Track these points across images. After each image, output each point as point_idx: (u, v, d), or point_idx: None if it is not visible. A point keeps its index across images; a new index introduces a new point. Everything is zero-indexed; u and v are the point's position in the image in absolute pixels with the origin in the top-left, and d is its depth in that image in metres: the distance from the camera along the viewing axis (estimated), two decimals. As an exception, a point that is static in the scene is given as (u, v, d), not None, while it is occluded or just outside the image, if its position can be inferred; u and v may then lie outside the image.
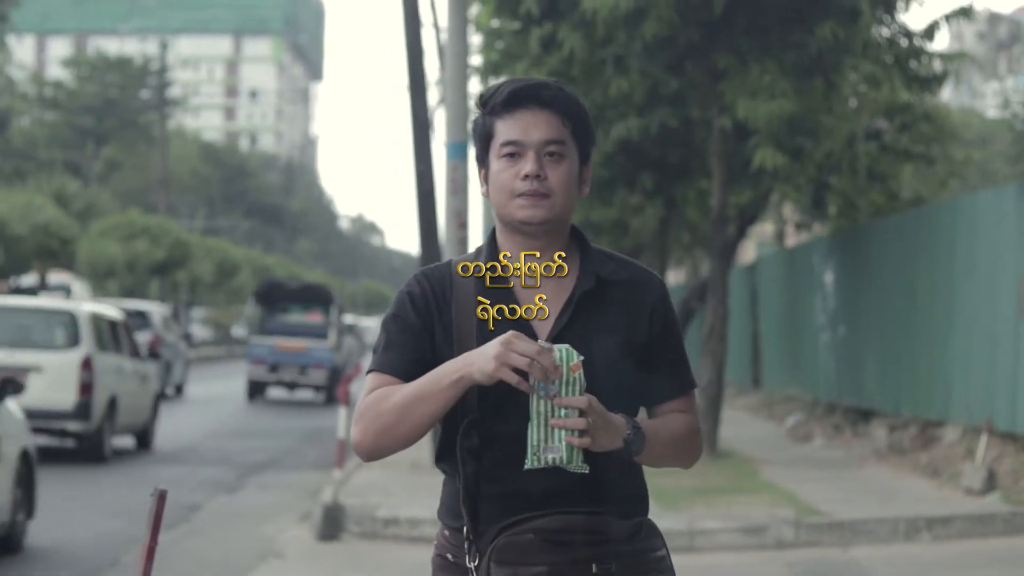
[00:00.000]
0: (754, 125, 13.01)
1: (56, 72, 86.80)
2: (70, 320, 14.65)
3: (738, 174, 15.00)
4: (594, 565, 2.63)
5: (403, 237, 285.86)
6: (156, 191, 55.93)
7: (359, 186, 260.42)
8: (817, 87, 13.41)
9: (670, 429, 2.77)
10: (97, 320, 15.15)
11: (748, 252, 36.38)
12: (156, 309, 27.77)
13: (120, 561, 9.32)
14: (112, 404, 14.96)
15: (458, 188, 13.57)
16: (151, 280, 39.51)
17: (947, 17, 13.42)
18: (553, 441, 2.58)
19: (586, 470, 2.60)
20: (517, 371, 2.57)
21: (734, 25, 13.15)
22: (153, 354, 21.20)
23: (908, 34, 13.74)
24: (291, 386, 26.52)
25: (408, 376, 2.73)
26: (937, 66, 13.92)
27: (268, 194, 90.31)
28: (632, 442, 2.64)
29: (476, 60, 16.05)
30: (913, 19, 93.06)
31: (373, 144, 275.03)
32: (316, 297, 28.88)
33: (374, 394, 2.73)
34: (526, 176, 2.71)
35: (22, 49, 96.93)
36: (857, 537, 9.65)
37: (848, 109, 15.17)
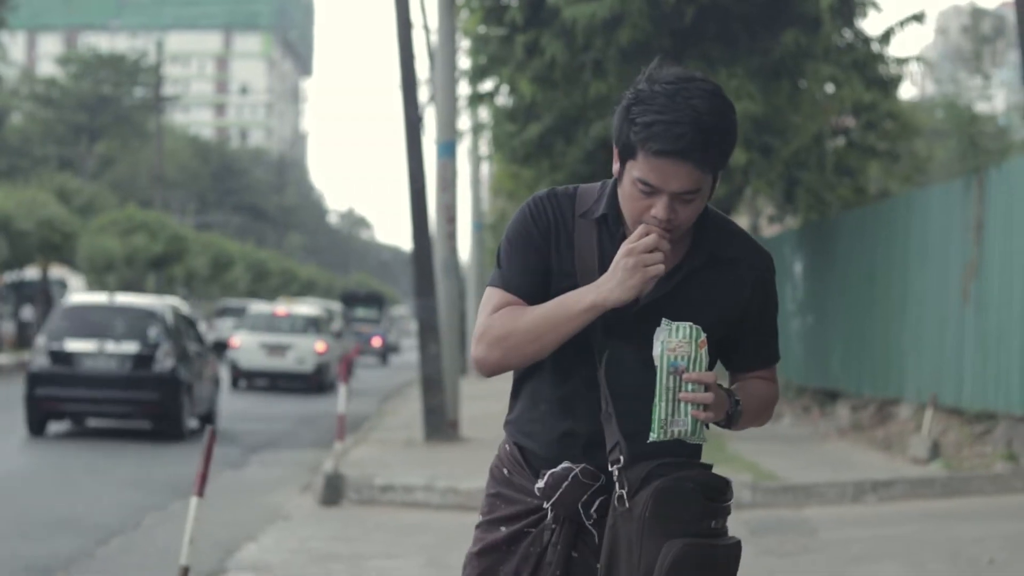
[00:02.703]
0: (722, 125, 13.99)
1: (47, 68, 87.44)
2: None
3: (710, 170, 16.00)
4: (713, 522, 2.76)
5: (392, 231, 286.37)
6: (150, 186, 56.74)
7: (348, 181, 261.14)
8: (783, 90, 14.42)
9: (757, 397, 2.89)
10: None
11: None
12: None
13: (142, 524, 10.29)
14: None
15: (447, 185, 14.56)
16: (148, 274, 40.38)
17: (901, 23, 14.44)
18: (679, 415, 2.66)
19: (705, 441, 2.73)
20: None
21: (704, 32, 14.14)
22: None
23: (866, 40, 14.77)
24: (362, 352, 40.10)
25: (528, 294, 2.81)
26: (894, 69, 14.94)
27: (258, 190, 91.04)
28: (733, 415, 2.80)
29: (464, 63, 17.03)
30: (873, 24, 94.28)
31: (362, 139, 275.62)
32: (374, 300, 49.58)
33: (500, 315, 2.79)
34: (655, 217, 2.71)
35: (13, 46, 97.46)
36: (809, 499, 10.67)
37: (814, 109, 16.19)
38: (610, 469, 2.75)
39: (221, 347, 32.15)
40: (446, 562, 8.39)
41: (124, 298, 17.90)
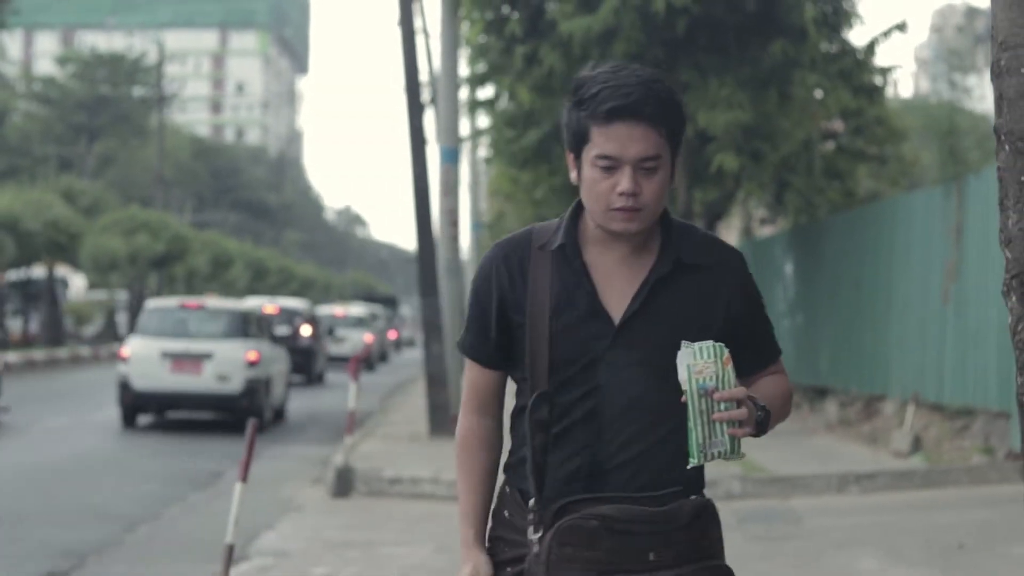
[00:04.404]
0: (713, 132, 14.61)
1: (44, 67, 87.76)
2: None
3: (702, 175, 16.62)
4: (651, 553, 2.65)
5: (389, 229, 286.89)
6: (150, 186, 57.22)
7: (345, 179, 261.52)
8: (771, 98, 15.01)
9: (776, 395, 2.81)
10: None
11: (730, 242, 37.95)
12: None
13: (164, 514, 10.87)
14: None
15: (450, 190, 15.15)
16: (150, 273, 40.92)
17: (885, 33, 15.05)
18: (716, 436, 2.59)
19: (744, 457, 2.65)
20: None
21: (695, 43, 14.72)
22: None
23: (851, 50, 15.37)
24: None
25: (487, 361, 2.85)
26: (878, 79, 15.55)
27: (256, 188, 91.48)
28: (763, 423, 2.69)
29: (464, 70, 17.59)
30: (858, 34, 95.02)
31: (358, 137, 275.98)
32: (388, 301, 62.18)
33: (461, 435, 2.89)
34: (622, 193, 2.67)
35: (10, 44, 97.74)
36: (796, 490, 11.28)
37: (803, 116, 16.77)
38: (527, 517, 2.75)
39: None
40: (454, 548, 8.85)
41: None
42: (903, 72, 44.70)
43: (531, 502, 2.72)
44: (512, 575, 2.80)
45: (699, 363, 2.61)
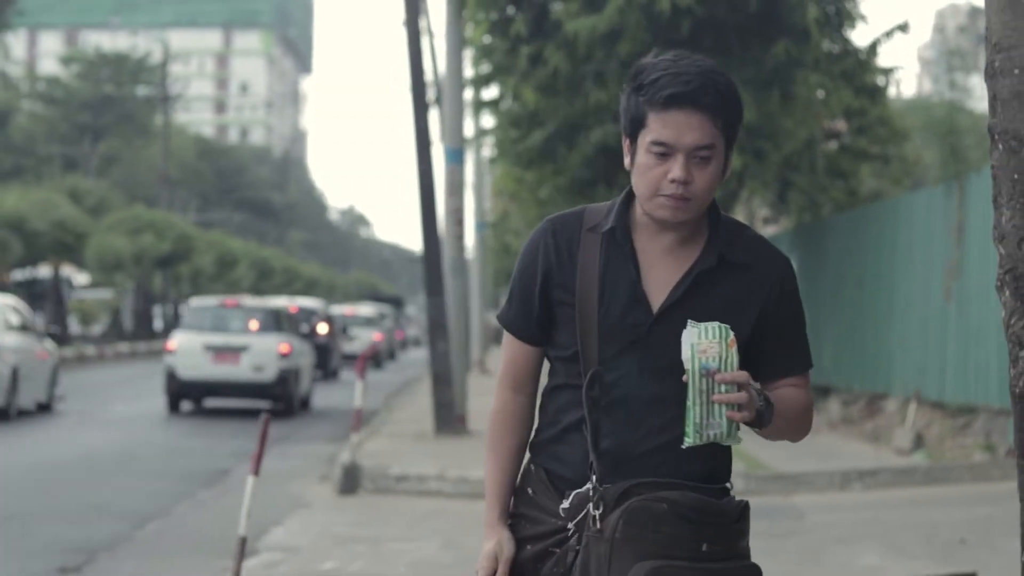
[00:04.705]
0: (717, 132, 14.70)
1: (48, 66, 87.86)
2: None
3: (705, 174, 16.71)
4: (705, 544, 2.67)
5: (392, 229, 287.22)
6: (154, 185, 57.34)
7: (348, 179, 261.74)
8: (774, 98, 15.11)
9: (791, 402, 2.78)
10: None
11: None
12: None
13: (173, 511, 10.98)
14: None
15: (455, 189, 15.26)
16: (155, 273, 41.05)
17: (887, 34, 15.15)
18: (714, 417, 2.60)
19: (740, 441, 2.65)
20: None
21: (699, 43, 14.81)
22: None
23: (854, 50, 15.47)
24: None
25: (528, 337, 2.85)
26: (880, 79, 15.65)
27: (260, 187, 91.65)
28: (763, 413, 2.68)
29: (469, 70, 17.70)
30: (860, 35, 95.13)
31: (361, 137, 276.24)
32: (395, 301, 66.17)
33: (495, 410, 2.90)
34: (673, 180, 2.68)
35: (14, 43, 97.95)
36: (798, 487, 11.38)
37: (806, 115, 16.88)
38: (588, 493, 2.73)
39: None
40: (460, 544, 9.08)
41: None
42: (907, 72, 44.86)
43: (594, 479, 2.70)
44: (533, 552, 2.81)
45: (703, 343, 2.60)
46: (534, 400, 2.91)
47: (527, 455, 2.89)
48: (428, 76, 16.59)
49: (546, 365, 2.90)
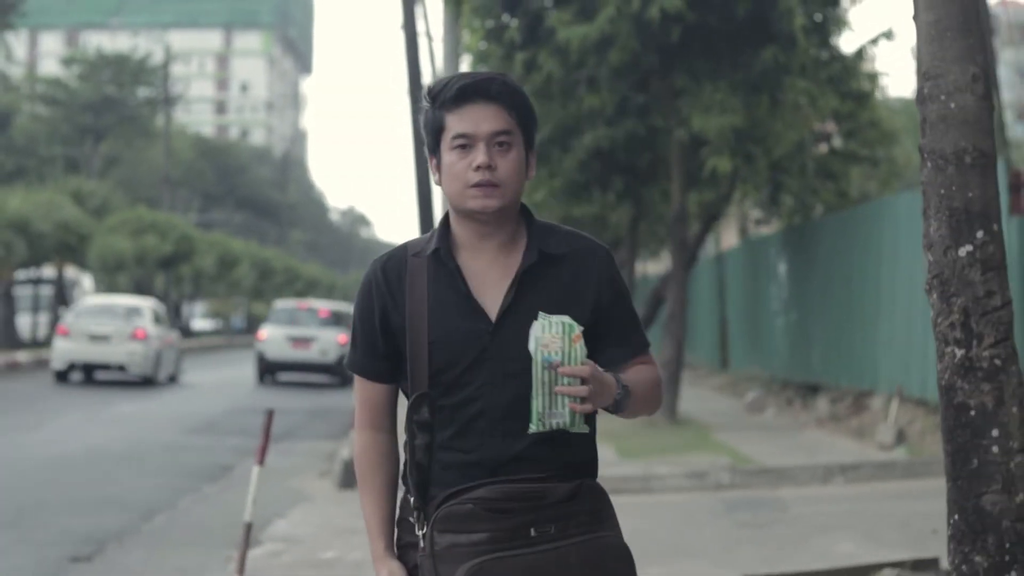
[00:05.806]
0: (707, 136, 15.10)
1: (49, 67, 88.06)
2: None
3: (697, 177, 17.11)
4: (532, 529, 2.72)
5: (393, 229, 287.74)
6: (156, 186, 57.67)
7: (348, 179, 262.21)
8: (762, 102, 15.49)
9: (643, 381, 2.88)
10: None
11: (731, 241, 38.45)
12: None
13: (179, 504, 11.36)
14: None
15: (452, 192, 15.57)
16: (157, 273, 41.39)
17: (873, 40, 15.53)
18: (557, 407, 2.67)
19: (587, 430, 2.72)
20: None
21: (689, 50, 15.21)
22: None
23: (840, 56, 15.85)
24: None
25: (376, 374, 2.93)
26: (866, 85, 16.03)
27: (260, 186, 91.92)
28: (621, 400, 2.78)
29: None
30: (849, 41, 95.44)
31: (362, 137, 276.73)
32: None
33: (359, 451, 2.96)
34: (478, 167, 2.80)
35: (15, 44, 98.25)
36: (783, 481, 11.76)
37: (795, 119, 17.24)
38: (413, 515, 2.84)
39: None
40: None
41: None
42: (900, 72, 45.45)
43: (412, 500, 2.80)
44: None
45: (546, 336, 2.68)
46: (395, 435, 3.00)
47: (400, 486, 2.95)
48: (427, 79, 16.96)
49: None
